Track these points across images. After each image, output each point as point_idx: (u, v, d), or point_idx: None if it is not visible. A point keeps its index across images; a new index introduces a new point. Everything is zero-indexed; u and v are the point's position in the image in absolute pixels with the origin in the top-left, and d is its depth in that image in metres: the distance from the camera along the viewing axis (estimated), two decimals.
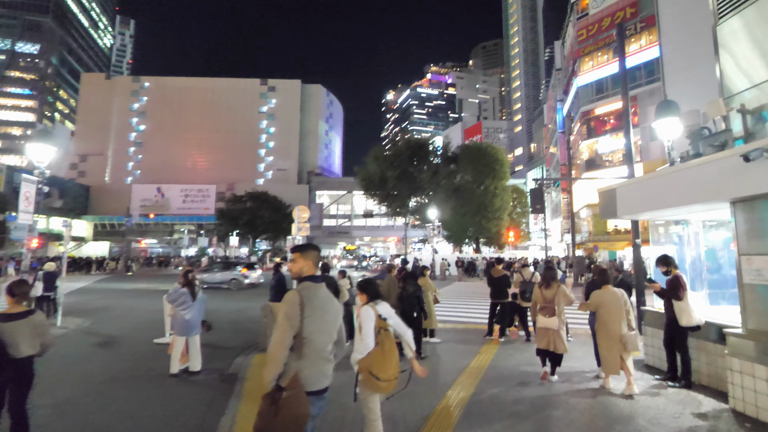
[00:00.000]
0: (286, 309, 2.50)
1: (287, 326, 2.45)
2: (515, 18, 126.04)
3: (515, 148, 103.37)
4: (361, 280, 3.77)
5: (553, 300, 5.72)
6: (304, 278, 2.70)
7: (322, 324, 2.59)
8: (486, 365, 6.72)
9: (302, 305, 2.49)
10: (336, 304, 2.78)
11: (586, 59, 37.18)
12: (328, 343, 2.64)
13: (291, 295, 2.54)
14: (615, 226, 33.51)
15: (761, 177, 3.97)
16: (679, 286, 5.37)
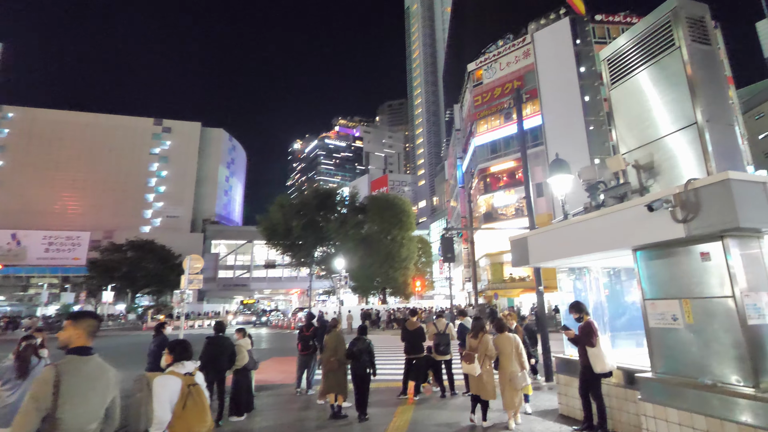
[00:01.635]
0: (34, 389, 2.37)
1: (32, 409, 2.31)
2: (419, 81, 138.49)
3: (419, 200, 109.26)
4: (173, 341, 3.54)
5: (476, 349, 6.24)
6: (71, 350, 2.55)
7: (84, 402, 2.46)
8: (406, 430, 6.17)
9: (57, 383, 2.37)
10: (107, 378, 2.62)
11: (482, 122, 41.60)
12: (92, 422, 2.50)
13: (44, 373, 2.40)
14: (510, 274, 36.25)
15: (662, 226, 4.31)
16: (591, 333, 5.55)
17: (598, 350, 5.45)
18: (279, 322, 39.54)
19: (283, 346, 20.26)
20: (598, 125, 35.06)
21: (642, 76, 5.50)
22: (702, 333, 4.25)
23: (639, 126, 5.49)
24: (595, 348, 5.47)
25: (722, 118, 4.84)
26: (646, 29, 5.52)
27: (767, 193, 3.89)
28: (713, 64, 5.07)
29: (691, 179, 4.19)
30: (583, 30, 38.57)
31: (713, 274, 4.18)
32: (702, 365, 4.24)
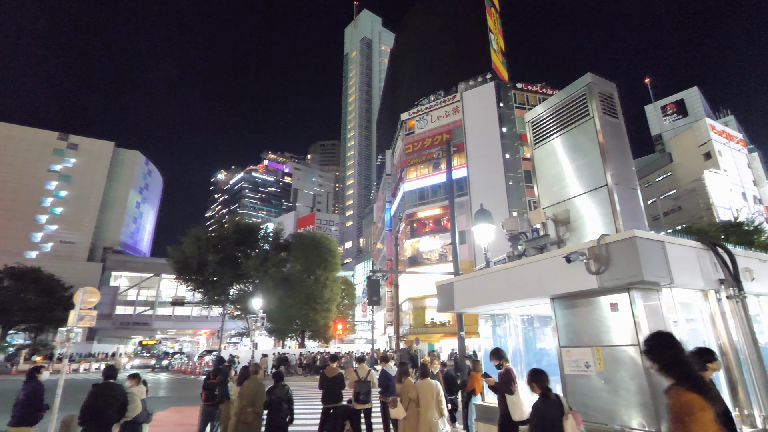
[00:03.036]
0: None
1: None
2: (353, 124, 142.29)
3: (346, 241, 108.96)
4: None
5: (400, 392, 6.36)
6: None
7: None
8: None
9: None
10: None
11: (412, 169, 43.39)
12: None
13: None
14: (432, 318, 36.82)
15: (577, 277, 4.64)
16: (510, 380, 5.66)
17: (517, 397, 5.56)
18: (183, 366, 35.82)
19: (185, 395, 18.23)
20: (517, 181, 38.30)
21: (560, 140, 6.12)
22: (611, 380, 4.52)
23: (557, 184, 6.02)
24: (513, 395, 5.57)
25: (628, 182, 5.48)
26: (565, 99, 6.21)
27: (665, 251, 4.38)
28: (620, 134, 5.79)
29: (603, 235, 4.61)
30: (506, 95, 42.84)
31: (621, 324, 4.53)
32: (611, 411, 4.48)
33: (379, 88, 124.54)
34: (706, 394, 2.43)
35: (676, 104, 63.66)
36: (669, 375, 2.64)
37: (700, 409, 2.36)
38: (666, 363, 2.66)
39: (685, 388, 2.48)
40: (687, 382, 2.50)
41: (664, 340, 2.75)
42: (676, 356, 2.64)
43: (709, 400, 2.43)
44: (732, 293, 4.79)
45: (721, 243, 4.99)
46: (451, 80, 48.38)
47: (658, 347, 2.73)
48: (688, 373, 2.56)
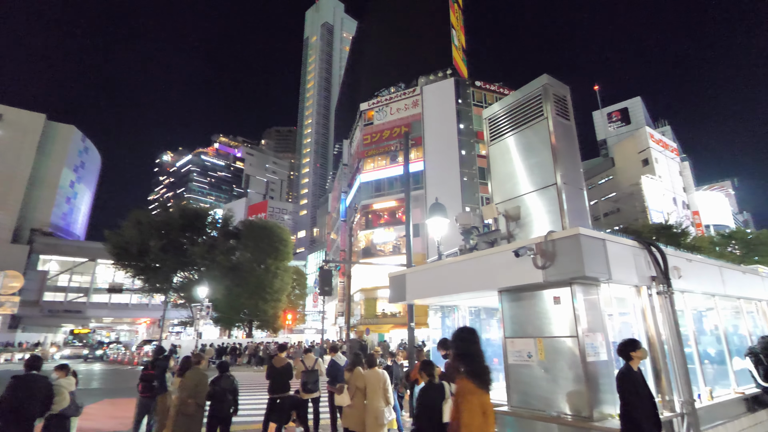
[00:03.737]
0: None
1: None
2: (310, 111, 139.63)
3: (299, 230, 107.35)
4: None
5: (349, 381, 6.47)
6: None
7: None
8: None
9: None
10: None
11: (369, 161, 43.34)
12: None
13: None
14: (383, 309, 37.24)
15: (525, 271, 4.84)
16: (453, 371, 5.85)
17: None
18: (119, 356, 33.94)
19: (121, 386, 17.31)
20: (471, 177, 39.33)
21: (515, 138, 6.33)
22: (551, 369, 4.78)
23: (510, 181, 6.23)
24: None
25: (576, 182, 5.77)
26: (521, 98, 6.41)
27: (605, 248, 4.66)
28: (571, 136, 6.07)
29: (551, 231, 4.83)
30: (465, 92, 43.71)
31: (562, 316, 4.79)
32: (550, 399, 4.74)
33: (339, 75, 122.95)
34: (482, 382, 2.86)
35: (620, 112, 67.81)
36: (461, 363, 3.07)
37: (470, 393, 2.81)
38: (461, 353, 3.08)
39: (466, 376, 2.89)
40: (469, 371, 2.91)
41: (466, 335, 3.16)
42: (469, 349, 3.05)
43: (482, 387, 2.85)
44: (662, 289, 5.19)
45: (655, 242, 5.38)
46: (412, 73, 48.63)
47: (459, 339, 3.15)
48: (472, 363, 2.96)
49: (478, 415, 2.75)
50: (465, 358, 3.05)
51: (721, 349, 6.84)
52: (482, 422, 2.74)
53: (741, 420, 6.03)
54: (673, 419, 4.70)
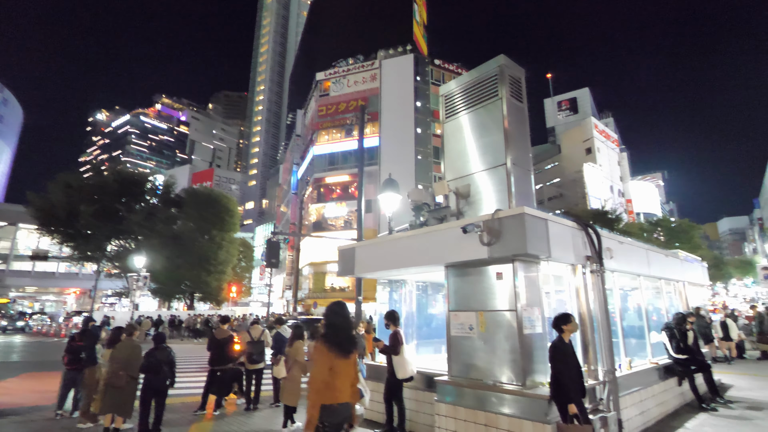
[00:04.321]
0: None
1: None
2: (263, 77, 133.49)
3: (247, 201, 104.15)
4: None
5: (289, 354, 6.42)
6: None
7: None
8: None
9: None
10: None
11: (323, 133, 42.46)
12: None
13: None
14: (332, 284, 37.39)
15: (471, 247, 5.00)
16: (397, 342, 6.01)
17: (401, 358, 5.93)
18: (44, 328, 31.74)
19: (45, 359, 16.26)
20: (426, 156, 39.74)
21: (469, 117, 6.41)
22: (490, 341, 5.03)
23: (462, 159, 6.34)
24: (398, 356, 5.93)
25: (524, 164, 5.98)
26: (478, 77, 6.47)
27: (547, 228, 4.90)
28: (523, 119, 6.24)
29: (498, 210, 5.00)
30: (424, 69, 43.58)
31: (503, 291, 5.02)
32: (488, 369, 5.00)
33: (296, 42, 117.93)
34: (334, 347, 3.37)
35: (569, 101, 70.82)
36: (324, 329, 3.61)
37: (321, 353, 3.36)
38: (327, 322, 3.60)
39: (322, 340, 3.45)
40: (325, 336, 3.47)
41: (334, 307, 3.67)
42: (334, 319, 3.57)
43: (334, 351, 3.36)
44: (595, 268, 5.57)
45: (592, 224, 5.74)
46: (372, 46, 47.68)
47: (328, 310, 3.66)
48: (330, 331, 3.49)
49: (325, 371, 3.29)
50: (328, 327, 3.56)
51: (641, 324, 7.52)
52: (326, 376, 3.28)
53: (654, 387, 6.72)
54: (596, 386, 5.14)
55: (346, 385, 3.40)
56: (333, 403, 3.27)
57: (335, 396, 3.29)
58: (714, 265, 35.38)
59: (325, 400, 3.24)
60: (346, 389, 3.40)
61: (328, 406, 3.24)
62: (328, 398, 3.25)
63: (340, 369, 3.36)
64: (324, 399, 3.24)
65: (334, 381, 3.31)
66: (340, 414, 3.31)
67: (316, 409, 3.22)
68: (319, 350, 3.40)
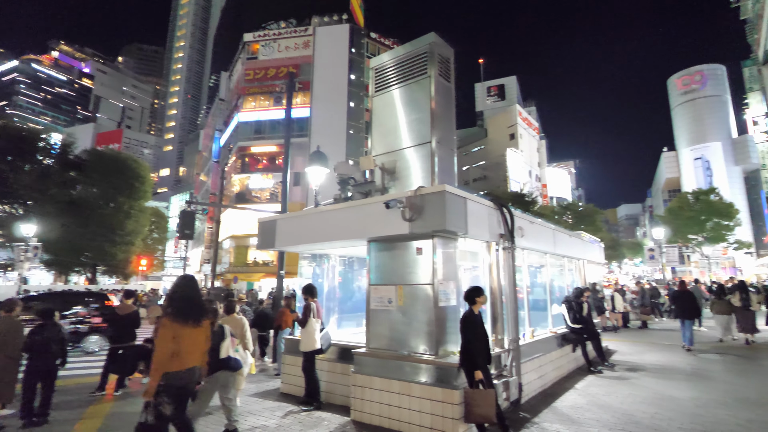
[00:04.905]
0: None
1: None
2: (184, 32, 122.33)
3: (162, 168, 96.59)
4: None
5: None
6: None
7: None
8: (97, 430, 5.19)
9: None
10: None
11: (250, 99, 40.24)
12: None
13: None
14: (254, 258, 36.35)
15: (394, 222, 5.10)
16: (305, 314, 6.05)
17: (307, 330, 5.99)
18: None
19: None
20: (358, 131, 39.44)
21: (398, 92, 6.44)
22: (407, 313, 5.23)
23: (389, 134, 6.38)
24: (305, 328, 5.99)
25: (448, 143, 6.16)
26: (409, 53, 6.48)
27: (466, 206, 5.13)
28: (450, 99, 6.39)
29: (420, 186, 5.13)
30: (359, 41, 42.71)
31: (423, 266, 5.21)
32: (404, 340, 5.22)
33: None
34: (176, 317, 3.63)
35: (498, 87, 73.91)
36: (166, 301, 3.92)
37: (163, 326, 3.63)
38: (170, 295, 3.86)
39: (165, 312, 3.73)
40: (167, 308, 3.75)
41: (179, 281, 3.94)
42: (174, 292, 3.83)
43: (177, 321, 3.62)
44: (507, 245, 5.97)
45: (506, 204, 6.11)
46: (306, 11, 45.60)
47: (173, 284, 3.95)
48: (171, 303, 3.76)
49: (168, 340, 3.55)
50: (171, 299, 3.81)
51: (545, 298, 8.27)
52: (171, 345, 3.54)
53: (552, 353, 7.48)
54: (501, 354, 5.59)
55: (194, 351, 3.71)
56: (179, 369, 3.57)
57: (181, 363, 3.59)
58: (611, 246, 39.70)
59: (170, 368, 3.52)
60: (194, 355, 3.71)
61: (173, 372, 3.54)
62: (173, 366, 3.54)
63: (187, 337, 3.64)
64: (168, 368, 3.51)
65: (179, 348, 3.58)
66: (184, 378, 3.61)
67: (156, 380, 3.48)
68: (163, 323, 3.65)
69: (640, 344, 11.81)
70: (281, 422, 5.45)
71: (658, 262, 26.82)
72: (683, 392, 6.59)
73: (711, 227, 35.59)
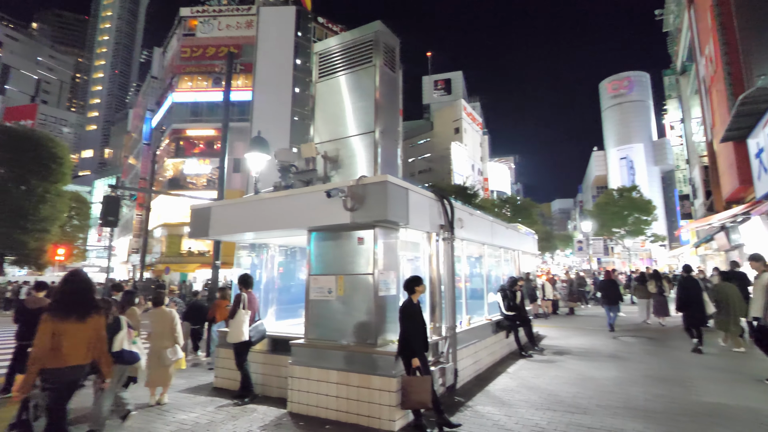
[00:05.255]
0: None
1: None
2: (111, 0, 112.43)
3: (84, 149, 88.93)
4: None
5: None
6: None
7: None
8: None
9: None
10: None
11: (187, 78, 37.98)
12: None
13: None
14: (189, 248, 34.66)
15: (335, 212, 5.06)
16: (235, 305, 5.91)
17: (235, 321, 5.84)
18: None
19: None
20: (303, 118, 38.56)
21: (343, 79, 6.37)
22: (347, 303, 5.24)
23: (333, 122, 6.31)
24: (232, 319, 5.85)
25: (392, 134, 6.19)
26: (354, 40, 6.41)
27: (408, 197, 5.21)
28: (395, 88, 6.41)
29: (362, 176, 5.12)
30: (306, 25, 41.62)
31: (363, 256, 5.23)
32: (344, 330, 5.23)
33: None
34: (56, 314, 3.59)
35: (445, 82, 75.39)
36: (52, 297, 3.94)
37: (43, 321, 3.54)
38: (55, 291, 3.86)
39: (47, 309, 3.69)
40: (50, 304, 3.78)
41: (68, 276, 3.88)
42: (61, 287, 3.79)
43: (57, 317, 3.57)
44: (447, 236, 6.14)
45: (447, 196, 6.28)
46: None
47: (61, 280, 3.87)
48: (54, 298, 3.78)
49: (47, 336, 3.48)
50: (55, 294, 3.80)
51: (482, 287, 8.64)
52: (49, 341, 3.48)
53: (487, 340, 7.84)
54: (439, 341, 5.78)
55: (77, 348, 3.62)
56: (60, 366, 3.50)
57: (62, 360, 3.51)
58: (545, 238, 42.20)
59: (50, 365, 3.47)
60: (78, 352, 3.61)
61: (54, 369, 3.48)
62: (53, 362, 3.48)
63: (69, 333, 3.57)
64: (47, 364, 3.46)
65: (60, 345, 3.52)
66: (67, 375, 3.55)
67: (32, 376, 3.44)
68: (43, 319, 3.56)
69: (567, 329, 12.72)
70: (213, 417, 5.27)
71: (585, 253, 28.96)
72: (602, 372, 7.19)
73: (632, 222, 38.84)
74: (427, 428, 4.63)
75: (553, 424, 4.78)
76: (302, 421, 5.03)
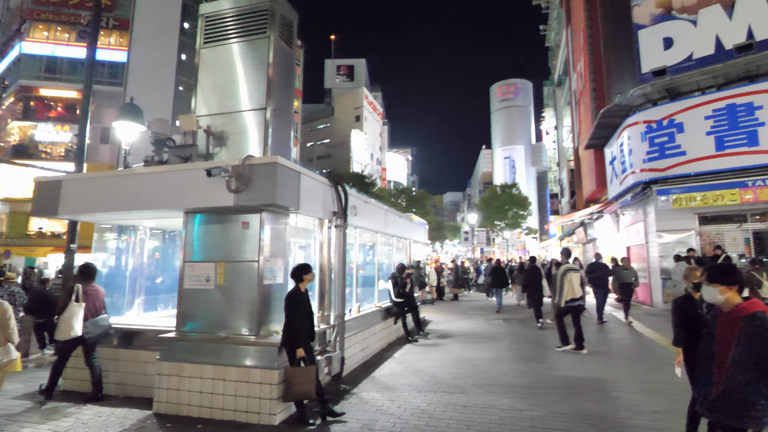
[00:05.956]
0: None
1: None
2: None
3: None
4: None
5: None
6: None
7: None
8: None
9: None
10: None
11: (41, 26, 32.16)
12: None
13: None
14: (40, 228, 29.89)
15: (216, 193, 4.65)
16: (64, 298, 5.26)
17: (63, 316, 5.16)
18: None
19: None
20: (189, 89, 35.15)
21: (231, 49, 5.86)
22: (228, 292, 4.89)
23: (218, 94, 5.79)
24: (63, 314, 5.18)
25: (286, 112, 5.89)
26: (246, 7, 5.93)
27: (299, 181, 4.99)
28: (290, 65, 6.09)
29: (249, 155, 4.78)
30: None
31: (248, 242, 4.91)
32: (223, 321, 4.87)
33: None
34: None
35: (348, 68, 74.94)
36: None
37: None
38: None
39: None
40: None
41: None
42: None
43: None
44: (339, 223, 6.06)
45: (342, 182, 6.19)
46: None
47: None
48: None
49: None
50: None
51: (374, 274, 8.78)
52: None
53: (376, 326, 8.00)
54: (327, 330, 5.71)
55: None
56: None
57: None
58: (436, 228, 44.73)
59: None
60: None
61: None
62: None
63: None
64: None
65: None
66: None
67: None
68: None
69: (451, 314, 13.63)
70: (57, 426, 4.55)
71: (471, 243, 31.35)
72: (479, 353, 7.81)
73: (512, 215, 43.01)
74: (310, 419, 4.54)
75: (432, 405, 5.03)
76: (170, 422, 4.59)
